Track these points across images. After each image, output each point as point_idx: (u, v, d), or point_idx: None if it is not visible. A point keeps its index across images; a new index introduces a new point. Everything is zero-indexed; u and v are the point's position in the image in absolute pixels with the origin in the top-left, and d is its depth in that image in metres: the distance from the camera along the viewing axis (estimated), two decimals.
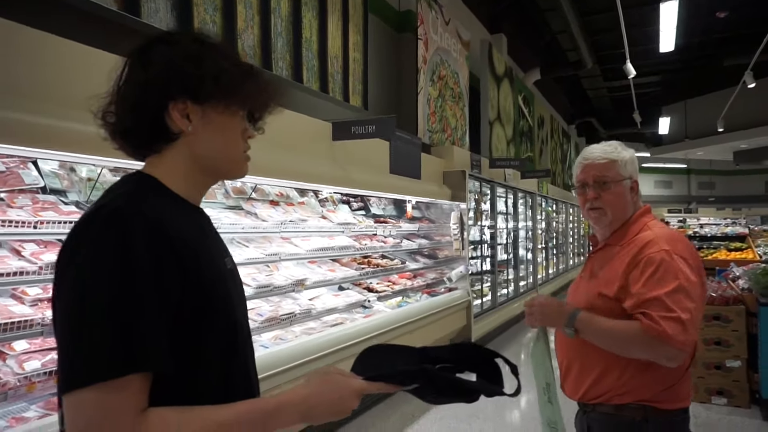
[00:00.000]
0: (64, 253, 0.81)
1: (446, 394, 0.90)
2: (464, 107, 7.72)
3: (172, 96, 0.88)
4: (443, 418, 3.98)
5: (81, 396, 0.72)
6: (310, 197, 4.47)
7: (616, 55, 14.85)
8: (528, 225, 9.46)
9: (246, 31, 3.36)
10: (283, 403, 0.84)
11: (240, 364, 0.94)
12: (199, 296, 0.84)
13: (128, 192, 0.85)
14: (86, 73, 2.19)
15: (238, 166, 0.97)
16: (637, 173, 1.64)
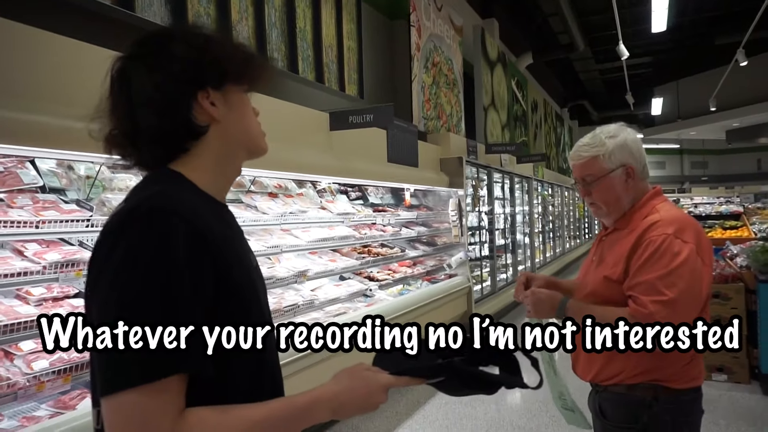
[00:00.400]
0: (98, 253, 0.80)
1: (470, 386, 0.91)
2: (459, 93, 7.69)
3: (198, 88, 0.88)
4: (447, 403, 4.01)
5: (122, 398, 0.71)
6: (309, 188, 4.47)
7: (608, 36, 14.82)
8: (525, 209, 9.50)
9: (240, 23, 3.32)
10: (315, 399, 0.84)
11: (268, 362, 0.94)
12: (230, 297, 0.84)
13: (162, 191, 0.83)
14: (81, 69, 2.17)
15: (261, 140, 0.99)
16: (631, 157, 1.58)
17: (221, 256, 0.83)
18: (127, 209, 0.80)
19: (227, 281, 0.83)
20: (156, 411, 0.72)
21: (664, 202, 1.61)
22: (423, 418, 3.78)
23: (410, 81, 6.14)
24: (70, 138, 2.11)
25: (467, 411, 3.87)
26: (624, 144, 1.58)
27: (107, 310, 0.75)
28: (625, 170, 1.57)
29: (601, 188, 1.58)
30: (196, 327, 0.77)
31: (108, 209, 2.59)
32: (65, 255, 2.30)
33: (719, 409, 3.71)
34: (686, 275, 1.40)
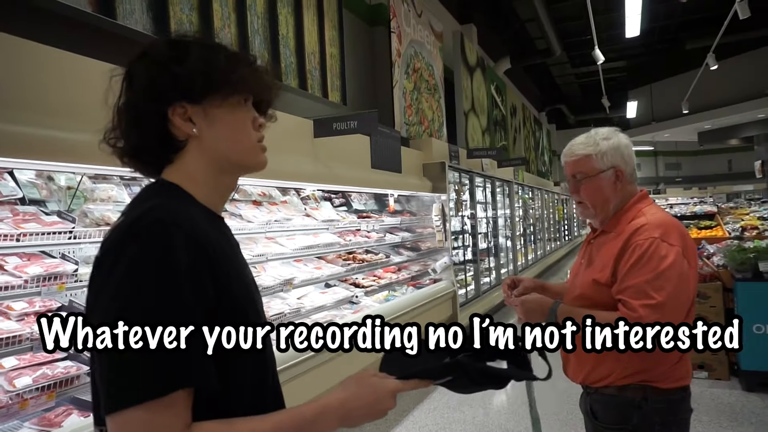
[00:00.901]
0: (100, 269, 0.79)
1: (479, 383, 0.91)
2: (440, 99, 7.74)
3: (167, 103, 0.86)
4: (436, 408, 4.02)
5: (128, 415, 0.70)
6: (292, 195, 4.44)
7: (583, 41, 15.11)
8: (506, 213, 9.58)
9: (223, 30, 3.30)
10: (322, 408, 0.83)
11: (269, 374, 0.94)
12: (230, 310, 0.83)
13: (161, 204, 0.82)
14: (63, 78, 2.13)
15: (253, 156, 0.95)
16: (622, 160, 1.61)
17: (221, 270, 0.82)
18: (126, 223, 0.80)
19: (228, 294, 0.83)
20: (163, 427, 0.71)
21: (650, 206, 1.63)
22: (412, 423, 3.77)
23: (391, 87, 6.16)
24: (51, 148, 2.07)
25: (456, 415, 3.87)
26: (617, 147, 1.61)
27: (111, 326, 0.73)
28: (615, 172, 1.60)
29: (590, 187, 1.61)
30: (202, 340, 0.76)
31: (90, 220, 2.54)
32: (47, 268, 2.24)
33: (702, 405, 3.78)
34: (674, 278, 1.43)
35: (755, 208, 9.19)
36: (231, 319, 0.82)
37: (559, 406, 3.93)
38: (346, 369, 3.64)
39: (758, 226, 7.03)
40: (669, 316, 1.39)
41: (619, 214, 1.62)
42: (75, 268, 2.33)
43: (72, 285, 2.33)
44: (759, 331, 3.95)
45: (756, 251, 4.06)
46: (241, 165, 0.95)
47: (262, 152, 0.96)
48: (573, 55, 16.94)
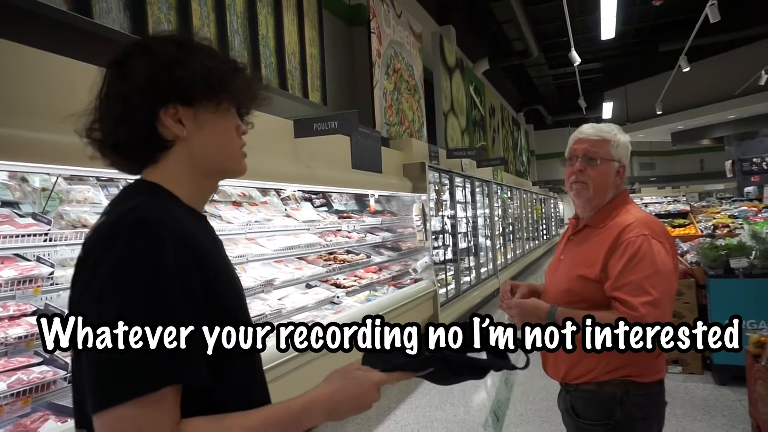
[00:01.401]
0: (83, 267, 0.79)
1: (460, 374, 0.93)
2: (420, 99, 7.78)
3: (161, 103, 0.86)
4: (418, 407, 4.04)
5: (116, 413, 0.70)
6: (273, 196, 4.42)
7: (560, 43, 15.32)
8: (486, 213, 9.66)
9: (202, 29, 3.26)
10: (309, 402, 0.84)
11: (256, 372, 0.94)
12: (218, 306, 0.83)
13: (145, 202, 0.82)
14: (36, 77, 2.09)
15: (237, 163, 0.96)
16: (627, 159, 1.67)
17: (208, 268, 0.82)
18: (109, 222, 0.79)
19: (216, 293, 0.83)
20: (152, 423, 0.71)
21: (632, 204, 1.68)
22: (394, 423, 3.79)
23: (372, 87, 6.17)
24: (25, 149, 2.03)
25: (438, 414, 3.90)
26: (627, 145, 1.68)
27: (98, 323, 0.73)
28: (620, 167, 1.66)
29: (599, 171, 1.63)
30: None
31: (66, 222, 2.49)
32: (21, 271, 2.20)
33: (677, 399, 3.87)
34: (666, 274, 1.47)
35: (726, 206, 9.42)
36: (219, 317, 0.83)
37: (538, 402, 3.98)
38: (330, 366, 3.64)
39: (729, 224, 7.21)
40: (665, 311, 1.44)
41: (605, 210, 1.66)
42: (51, 270, 2.29)
43: (48, 288, 2.29)
44: None
45: (727, 248, 4.17)
46: (224, 170, 0.95)
47: (243, 158, 0.98)
48: (550, 56, 17.18)
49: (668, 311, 1.46)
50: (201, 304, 0.79)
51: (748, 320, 4.00)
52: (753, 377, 2.54)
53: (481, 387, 4.39)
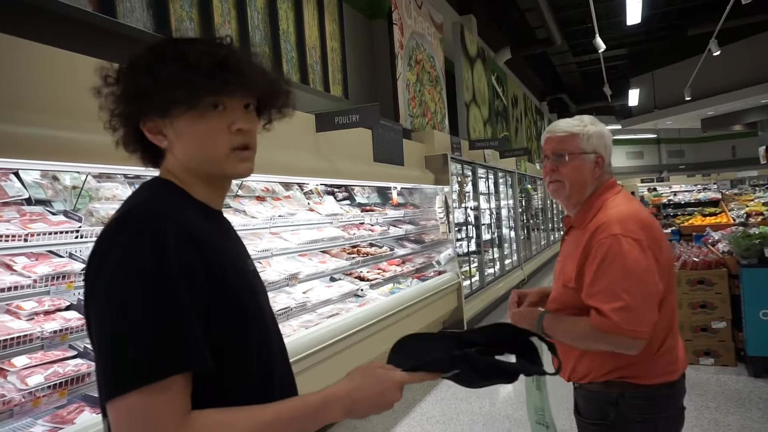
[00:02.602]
0: (94, 260, 0.82)
1: (487, 377, 0.90)
2: (442, 90, 7.72)
3: (138, 117, 0.88)
4: (444, 399, 4.04)
5: (126, 401, 0.72)
6: (296, 190, 4.45)
7: (584, 30, 15.00)
8: (509, 204, 9.57)
9: (224, 26, 3.29)
10: (327, 398, 0.83)
11: (274, 362, 0.94)
12: (226, 299, 0.84)
13: (153, 197, 0.86)
14: (67, 79, 2.13)
15: (225, 164, 0.90)
16: (605, 149, 1.59)
17: (213, 259, 0.83)
18: (116, 217, 0.83)
19: (223, 284, 0.84)
20: (161, 412, 0.72)
21: (616, 196, 1.59)
22: (420, 415, 3.79)
23: (395, 79, 6.14)
24: (56, 148, 2.08)
25: (463, 406, 3.89)
26: (601, 134, 1.59)
27: (105, 314, 0.76)
28: (596, 158, 1.58)
29: (571, 167, 1.57)
30: (196, 325, 0.78)
31: (96, 219, 2.55)
32: (55, 267, 2.26)
33: (708, 392, 3.79)
34: (639, 274, 1.39)
35: (760, 194, 9.15)
36: (225, 308, 0.84)
37: (568, 396, 3.95)
38: (354, 361, 3.66)
39: (763, 212, 7.02)
40: (642, 314, 1.37)
41: (586, 206, 1.60)
42: (82, 266, 2.35)
43: (80, 283, 2.34)
44: (765, 317, 3.95)
45: (761, 237, 4.06)
46: (213, 174, 0.92)
47: (240, 160, 0.91)
48: (574, 43, 16.82)
49: (646, 314, 1.39)
50: (206, 294, 0.81)
51: None
52: None
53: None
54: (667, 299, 1.49)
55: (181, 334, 0.75)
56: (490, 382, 0.91)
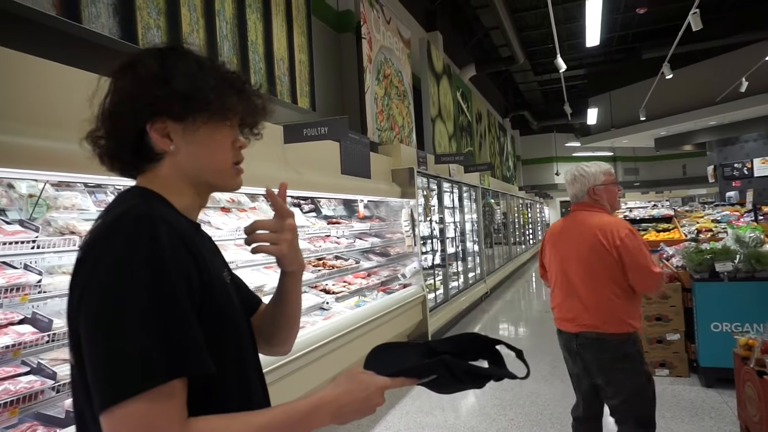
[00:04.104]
0: (82, 267, 0.79)
1: (462, 381, 0.93)
2: (409, 105, 7.81)
3: (147, 118, 0.87)
4: (409, 413, 4.03)
5: (125, 409, 0.69)
6: (262, 202, 4.40)
7: (545, 50, 15.50)
8: (473, 218, 9.71)
9: (191, 35, 3.24)
10: (316, 403, 0.85)
11: (254, 369, 0.96)
12: (212, 307, 0.84)
13: (142, 203, 0.84)
14: (26, 83, 2.06)
15: (228, 177, 0.95)
16: None
17: (203, 267, 0.84)
18: (108, 221, 0.80)
19: (211, 293, 0.84)
20: (163, 418, 0.71)
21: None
22: (385, 428, 3.78)
23: (362, 92, 6.18)
24: (12, 155, 2.00)
25: (428, 419, 3.90)
26: None
27: (100, 319, 0.73)
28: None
29: None
30: (195, 328, 0.77)
31: (54, 229, 2.46)
32: (9, 279, 2.16)
33: (664, 403, 3.91)
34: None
35: (709, 211, 9.56)
36: (210, 317, 0.83)
37: (528, 407, 4.00)
38: (320, 375, 3.62)
39: (712, 228, 7.33)
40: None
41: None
42: (38, 278, 2.25)
43: (35, 296, 2.25)
44: (716, 329, 4.12)
45: (712, 252, 4.24)
46: (213, 185, 0.95)
47: (237, 174, 0.96)
48: (536, 63, 17.36)
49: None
50: (198, 300, 0.81)
51: (733, 323, 4.07)
52: (741, 379, 2.58)
53: (470, 392, 4.40)
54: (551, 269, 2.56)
55: (183, 337, 0.74)
56: (464, 386, 0.95)
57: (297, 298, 1.08)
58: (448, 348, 1.00)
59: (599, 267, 2.30)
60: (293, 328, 1.12)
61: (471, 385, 0.94)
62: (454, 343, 1.02)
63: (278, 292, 1.08)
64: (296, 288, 1.07)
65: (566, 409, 3.94)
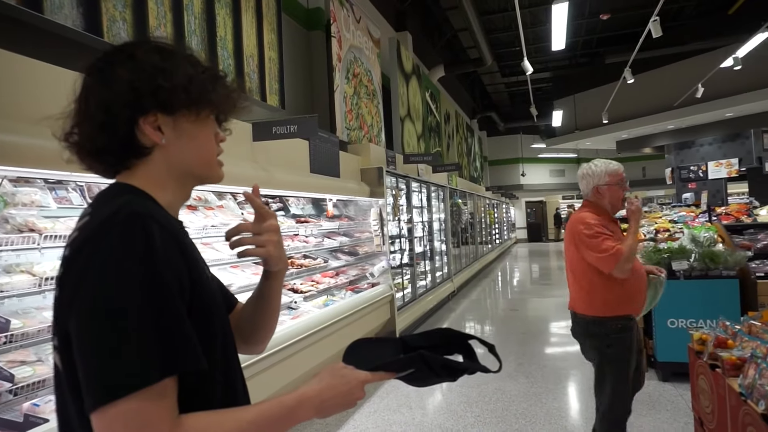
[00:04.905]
0: (72, 266, 0.78)
1: (438, 375, 0.96)
2: (378, 104, 7.83)
3: (141, 111, 0.86)
4: (376, 411, 4.06)
5: (118, 408, 0.69)
6: (229, 200, 4.34)
7: (512, 52, 15.76)
8: (441, 217, 9.81)
9: (158, 29, 3.18)
10: (301, 397, 0.86)
11: (237, 367, 0.97)
12: (201, 303, 0.84)
13: (132, 200, 0.82)
14: None
15: (214, 170, 0.97)
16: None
17: (193, 265, 0.84)
18: (98, 220, 0.79)
19: (200, 292, 0.84)
20: (156, 416, 0.71)
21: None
22: (353, 427, 3.79)
23: (332, 91, 6.16)
24: None
25: (396, 417, 3.93)
26: None
27: (93, 318, 0.72)
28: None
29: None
30: (187, 325, 0.77)
31: (12, 226, 2.38)
32: None
33: None
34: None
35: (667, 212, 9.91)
36: (202, 311, 0.84)
37: (494, 403, 4.08)
38: (288, 374, 3.61)
39: (669, 228, 7.60)
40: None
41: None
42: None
43: None
44: (672, 325, 4.28)
45: (669, 252, 4.40)
46: (201, 177, 0.96)
47: (220, 166, 0.99)
48: (503, 65, 17.64)
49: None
50: (188, 299, 0.81)
51: (689, 319, 4.24)
52: (695, 373, 2.69)
53: (437, 390, 4.45)
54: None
55: (176, 334, 0.75)
56: (440, 380, 0.97)
57: (279, 296, 1.11)
58: (422, 342, 1.02)
59: (575, 257, 2.57)
60: (273, 327, 1.14)
61: (446, 378, 0.97)
62: (428, 338, 1.04)
63: (260, 291, 1.09)
64: (279, 287, 1.09)
65: (531, 405, 4.03)
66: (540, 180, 25.22)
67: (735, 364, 2.13)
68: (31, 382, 2.10)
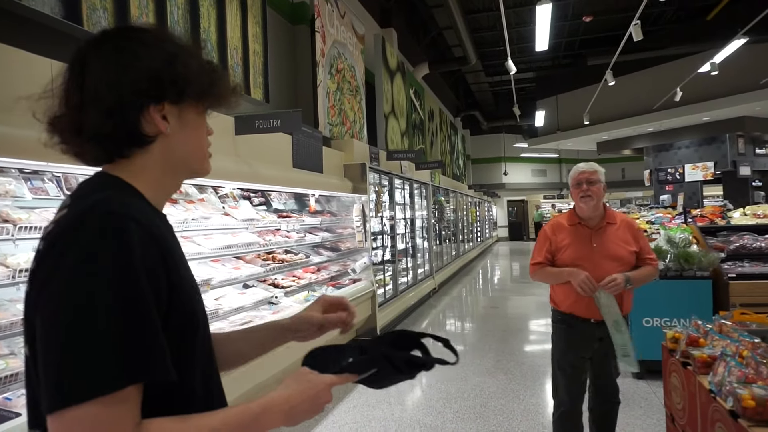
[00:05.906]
0: (44, 260, 0.75)
1: (402, 372, 0.96)
2: (361, 101, 7.82)
3: (156, 99, 0.85)
4: (356, 407, 4.07)
5: (76, 412, 0.67)
6: (210, 194, 4.30)
7: (497, 52, 15.86)
8: (423, 214, 9.84)
9: (140, 19, 3.12)
10: (268, 404, 0.84)
11: (214, 371, 0.94)
12: (181, 305, 0.82)
13: (112, 196, 0.80)
14: None
15: (206, 163, 0.98)
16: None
17: (172, 265, 0.81)
18: (74, 214, 0.77)
19: (179, 289, 0.82)
20: (114, 424, 0.69)
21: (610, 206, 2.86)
22: (332, 423, 3.79)
23: (315, 86, 6.14)
24: None
25: (375, 413, 3.94)
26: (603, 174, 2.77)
27: (58, 318, 0.70)
28: (604, 186, 2.73)
29: (597, 188, 2.68)
30: (159, 332, 0.75)
31: None
32: None
33: None
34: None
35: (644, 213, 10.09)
36: (181, 315, 0.82)
37: (473, 399, 4.12)
38: (268, 369, 3.60)
39: (647, 229, 7.74)
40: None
41: (606, 213, 2.73)
42: None
43: None
44: (647, 324, 4.37)
45: None
46: (194, 170, 0.96)
47: (208, 160, 0.99)
48: (487, 64, 17.75)
49: None
50: (166, 301, 0.78)
51: (663, 318, 4.33)
52: (668, 370, 2.75)
53: (416, 386, 4.48)
54: None
55: (144, 341, 0.72)
56: (399, 378, 0.98)
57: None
58: (380, 346, 1.03)
59: None
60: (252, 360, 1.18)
61: (407, 376, 0.98)
62: (385, 341, 1.06)
63: (266, 336, 1.16)
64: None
65: (509, 401, 4.08)
66: (522, 179, 25.46)
67: (706, 362, 2.18)
68: (3, 376, 2.06)
